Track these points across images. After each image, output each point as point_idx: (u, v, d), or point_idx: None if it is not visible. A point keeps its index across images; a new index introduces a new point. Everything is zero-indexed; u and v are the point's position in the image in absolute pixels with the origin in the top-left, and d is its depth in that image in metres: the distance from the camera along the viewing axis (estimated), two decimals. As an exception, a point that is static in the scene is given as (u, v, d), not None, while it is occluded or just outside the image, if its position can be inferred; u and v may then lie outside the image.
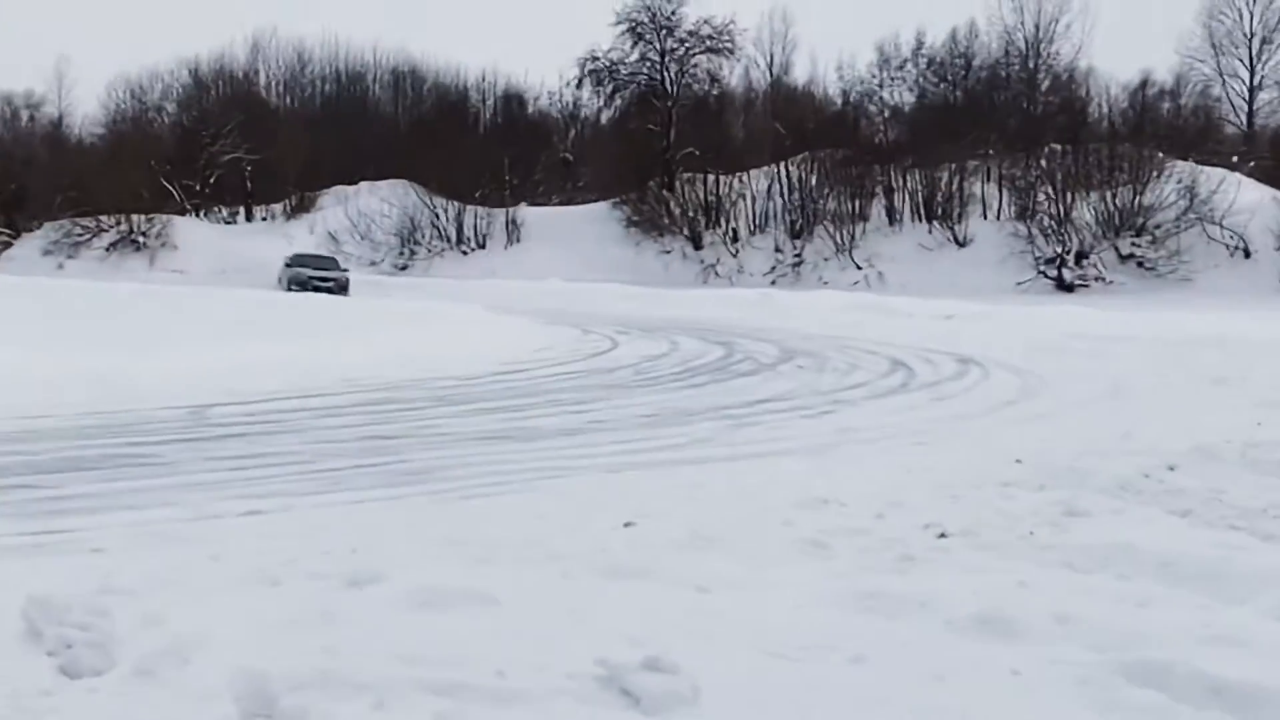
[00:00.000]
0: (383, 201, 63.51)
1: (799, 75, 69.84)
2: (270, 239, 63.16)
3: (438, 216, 63.52)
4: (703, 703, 4.81)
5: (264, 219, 66.18)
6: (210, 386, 15.46)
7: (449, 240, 63.17)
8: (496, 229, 63.37)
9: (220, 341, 19.50)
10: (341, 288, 45.89)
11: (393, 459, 11.21)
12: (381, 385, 16.65)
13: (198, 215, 65.87)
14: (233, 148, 65.56)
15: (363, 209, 63.35)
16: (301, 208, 65.75)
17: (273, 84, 73.56)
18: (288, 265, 49.65)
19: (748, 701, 4.86)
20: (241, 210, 66.51)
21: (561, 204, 66.30)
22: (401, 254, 62.25)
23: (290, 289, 45.31)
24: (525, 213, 64.29)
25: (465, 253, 62.60)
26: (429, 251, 62.60)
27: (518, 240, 62.60)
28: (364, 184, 65.38)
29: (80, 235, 63.88)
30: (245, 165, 65.76)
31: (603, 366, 20.63)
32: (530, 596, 6.09)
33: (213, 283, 49.43)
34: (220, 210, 66.46)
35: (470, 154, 64.48)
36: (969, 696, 5.03)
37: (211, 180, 66.03)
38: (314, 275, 46.85)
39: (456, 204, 63.74)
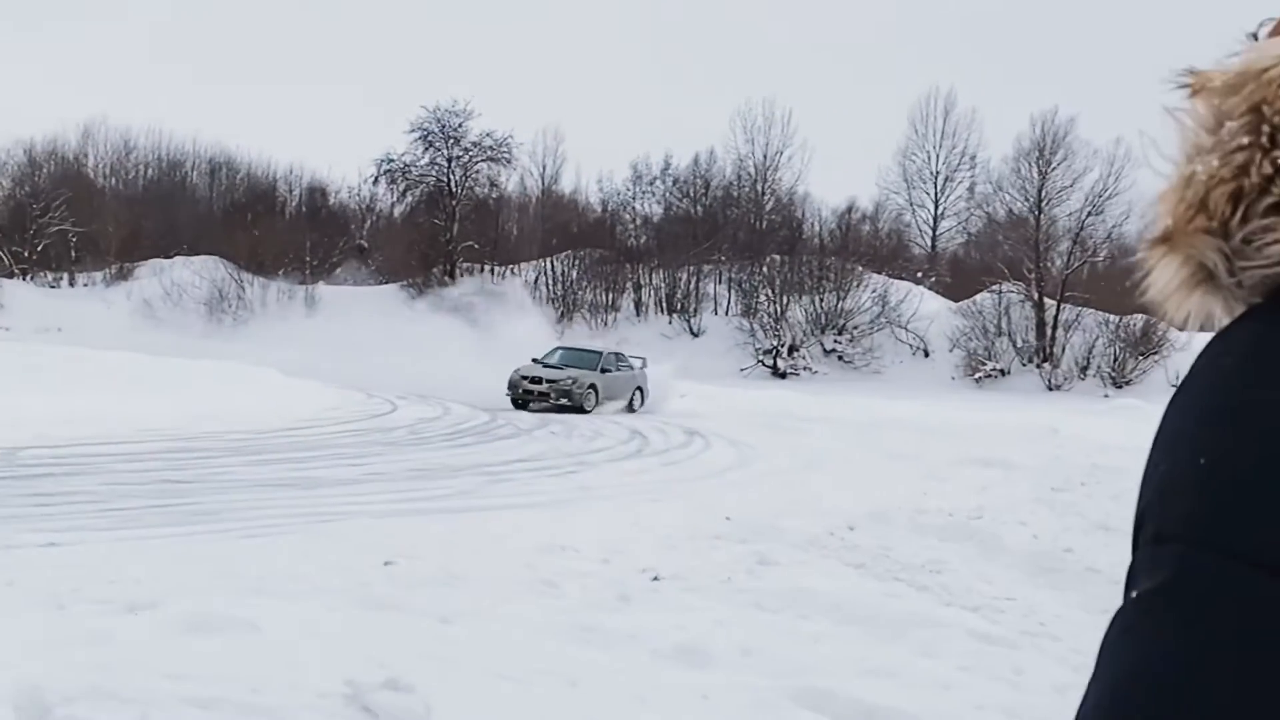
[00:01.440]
0: (195, 274, 61.79)
1: (566, 185, 70.30)
2: (89, 302, 60.96)
3: (244, 290, 62.10)
4: (433, 717, 4.76)
5: (85, 284, 63.60)
6: (25, 431, 14.77)
7: (253, 311, 61.75)
8: (297, 303, 62.16)
9: (38, 391, 18.63)
10: (564, 394, 26.76)
11: (183, 501, 10.86)
12: (181, 436, 16.12)
13: (24, 278, 63.04)
14: (60, 220, 63.02)
15: (176, 280, 61.46)
16: (121, 276, 63.43)
17: (100, 166, 70.91)
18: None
19: (472, 717, 4.83)
20: (65, 276, 63.84)
21: (356, 285, 65.37)
22: (209, 322, 60.59)
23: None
24: (323, 290, 63.23)
25: (268, 323, 61.29)
26: (234, 321, 61.04)
27: (316, 314, 61.46)
28: (179, 258, 63.37)
29: (-87, 292, 60.73)
30: (71, 236, 63.23)
31: (383, 426, 20.34)
32: (292, 625, 5.95)
33: (37, 339, 47.13)
34: (46, 275, 63.65)
35: (276, 237, 63.33)
36: (665, 716, 5.09)
37: (39, 248, 63.32)
38: (529, 377, 27.40)
39: (262, 280, 62.47)
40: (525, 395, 27.03)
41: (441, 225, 64.33)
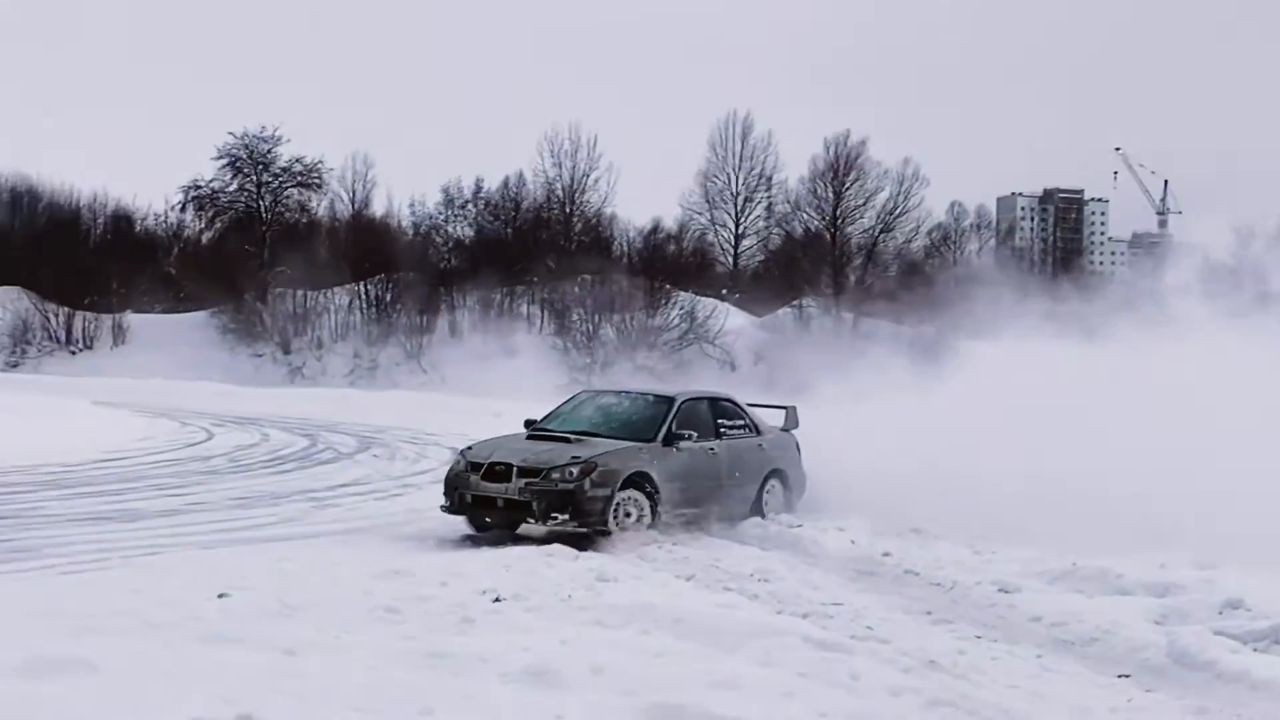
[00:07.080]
0: (-2, 306, 59.06)
1: (378, 209, 68.94)
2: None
3: (49, 320, 59.52)
4: (289, 755, 4.56)
5: (-123, 316, 60.16)
6: None
7: (59, 341, 59.22)
8: (104, 332, 59.82)
9: None
10: (552, 506, 10.84)
11: (-2, 539, 10.27)
12: (-11, 471, 15.28)
13: None
14: None
15: (-23, 312, 58.67)
16: (-84, 308, 60.18)
17: (-108, 195, 67.12)
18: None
19: (330, 752, 4.63)
20: None
21: (165, 312, 63.12)
22: (13, 353, 57.92)
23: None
24: (131, 319, 60.92)
25: (74, 353, 58.78)
26: (39, 351, 58.52)
27: (123, 343, 59.30)
28: (-20, 290, 60.46)
29: None
30: None
31: (200, 454, 19.62)
32: (130, 663, 5.63)
33: None
34: None
35: (81, 266, 60.84)
36: (521, 738, 4.97)
37: None
38: (477, 461, 11.63)
39: (67, 309, 59.92)
40: (471, 503, 11.67)
41: (252, 250, 62.82)
